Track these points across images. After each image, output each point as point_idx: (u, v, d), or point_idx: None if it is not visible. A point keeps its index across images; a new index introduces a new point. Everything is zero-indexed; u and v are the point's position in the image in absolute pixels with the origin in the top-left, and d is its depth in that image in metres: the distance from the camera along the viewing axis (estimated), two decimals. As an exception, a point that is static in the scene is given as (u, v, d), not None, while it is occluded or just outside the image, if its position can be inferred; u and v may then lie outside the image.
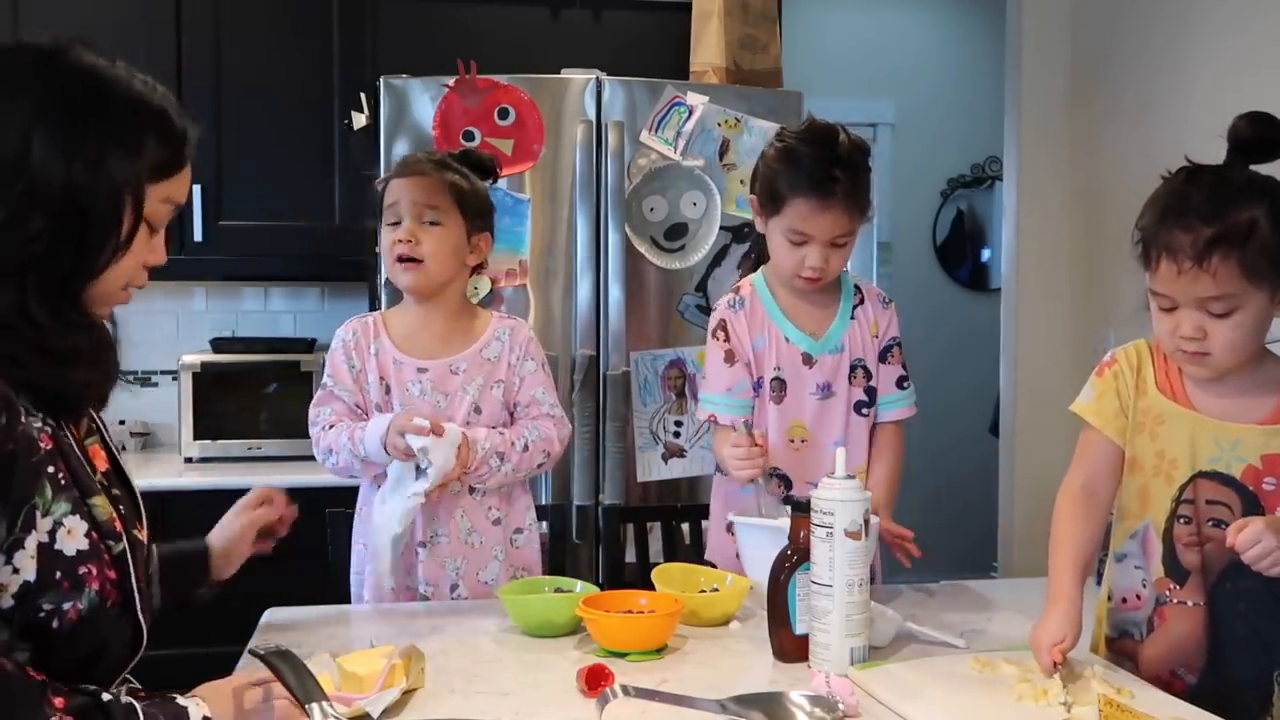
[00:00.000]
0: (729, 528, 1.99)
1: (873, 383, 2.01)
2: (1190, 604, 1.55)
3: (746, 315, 1.99)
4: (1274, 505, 1.49)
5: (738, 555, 1.91)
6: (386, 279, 2.75)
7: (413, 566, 1.96)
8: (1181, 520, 1.55)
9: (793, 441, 1.98)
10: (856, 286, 2.05)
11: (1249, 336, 1.48)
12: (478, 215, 2.02)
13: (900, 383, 2.03)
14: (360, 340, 2.01)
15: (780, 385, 1.98)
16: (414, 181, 1.97)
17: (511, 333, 2.03)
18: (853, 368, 2.00)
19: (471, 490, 1.97)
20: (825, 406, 1.98)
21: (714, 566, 2.02)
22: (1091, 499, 1.61)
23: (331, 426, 1.98)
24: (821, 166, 1.86)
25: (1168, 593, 1.57)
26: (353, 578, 2.03)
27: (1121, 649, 1.63)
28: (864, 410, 2.00)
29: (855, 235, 1.94)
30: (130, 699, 1.21)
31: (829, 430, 1.98)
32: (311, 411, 2.01)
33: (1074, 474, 1.64)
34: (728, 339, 1.99)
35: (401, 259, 1.95)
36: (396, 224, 1.96)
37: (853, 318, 2.01)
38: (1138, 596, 1.61)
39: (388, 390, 1.98)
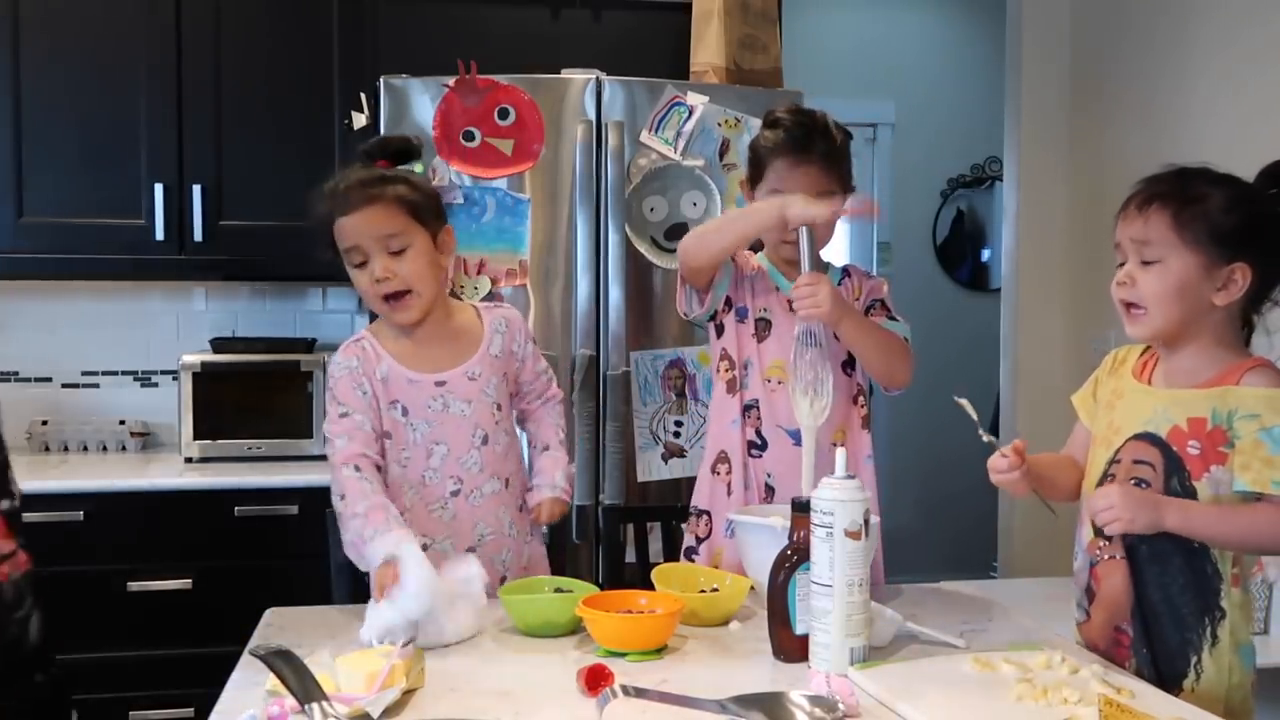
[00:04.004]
0: (728, 529, 2.00)
1: None
2: (1118, 558, 1.61)
3: (741, 262, 2.10)
4: (1197, 470, 1.53)
5: (728, 491, 2.04)
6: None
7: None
8: (1109, 478, 1.61)
9: (769, 381, 2.05)
10: (845, 268, 2.15)
11: (1173, 295, 1.54)
12: (434, 215, 1.92)
13: (891, 320, 2.08)
14: (365, 365, 1.90)
15: (766, 325, 2.07)
16: (365, 216, 1.85)
17: (508, 324, 2.03)
18: None
19: (508, 484, 1.99)
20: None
21: (709, 517, 2.08)
22: (1065, 458, 1.75)
23: (355, 467, 1.83)
24: (800, 129, 2.00)
25: (1099, 551, 1.64)
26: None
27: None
28: (848, 370, 2.07)
29: (837, 203, 2.00)
30: None
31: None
32: (327, 429, 1.90)
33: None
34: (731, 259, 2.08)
35: (386, 297, 1.87)
36: (364, 264, 1.86)
37: (840, 284, 2.10)
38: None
39: (404, 412, 1.91)
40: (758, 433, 2.05)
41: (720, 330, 2.10)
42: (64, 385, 3.41)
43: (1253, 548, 1.54)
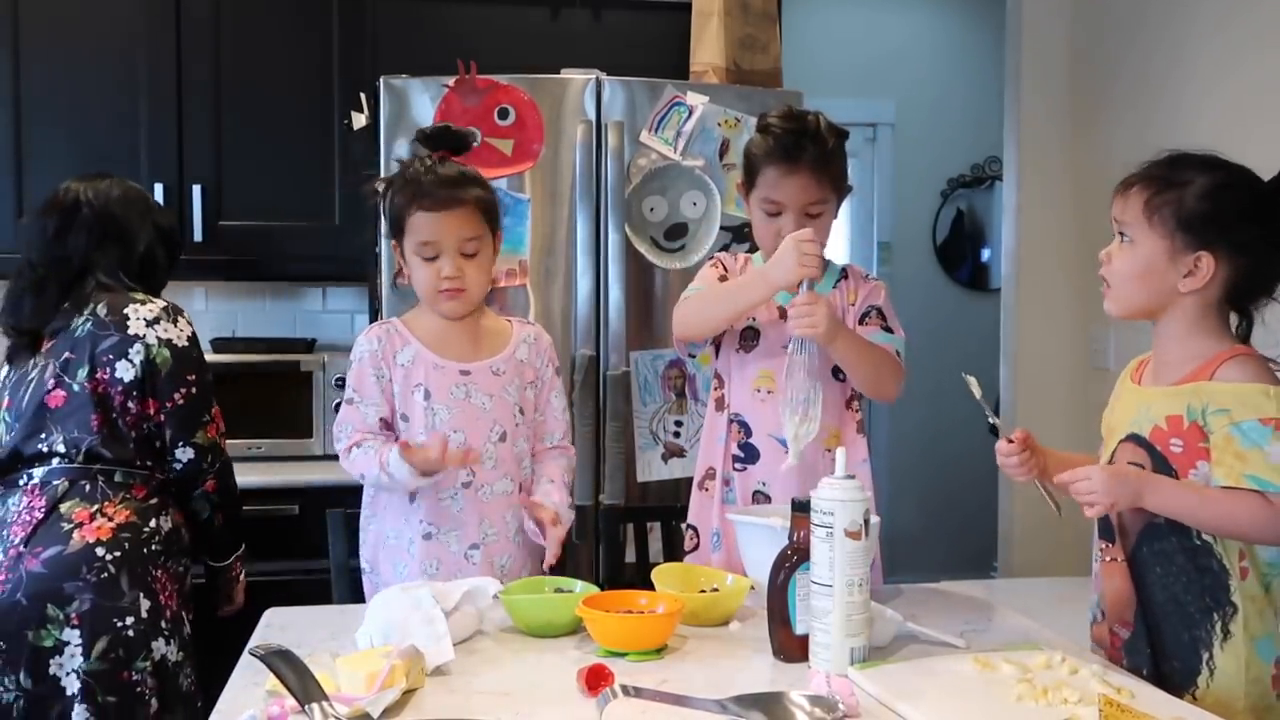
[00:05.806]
0: (715, 542, 2.01)
1: None
2: (1120, 560, 1.62)
3: (738, 267, 2.10)
4: (1184, 467, 1.54)
5: (724, 512, 2.00)
6: (389, 280, 2.77)
7: (461, 569, 1.93)
8: None
9: (758, 391, 2.03)
10: (844, 269, 2.12)
11: (1136, 276, 1.58)
12: (498, 220, 2.01)
13: (885, 331, 2.05)
14: (385, 348, 1.96)
15: (754, 335, 2.05)
16: (452, 218, 1.91)
17: (537, 338, 2.07)
18: None
19: (520, 489, 2.01)
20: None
21: (696, 532, 2.08)
22: (1082, 458, 1.73)
23: (357, 445, 1.95)
24: (790, 136, 1.97)
25: (1100, 551, 1.65)
26: (365, 578, 2.03)
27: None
28: (839, 376, 2.04)
29: (830, 208, 2.01)
30: None
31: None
32: (335, 428, 2.00)
33: None
34: (724, 270, 2.09)
35: (444, 290, 1.93)
36: (433, 259, 1.92)
37: (835, 288, 2.07)
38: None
39: (426, 395, 1.95)
40: (747, 444, 2.03)
41: (716, 350, 2.09)
42: (64, 385, 3.41)
43: (1229, 533, 1.53)
